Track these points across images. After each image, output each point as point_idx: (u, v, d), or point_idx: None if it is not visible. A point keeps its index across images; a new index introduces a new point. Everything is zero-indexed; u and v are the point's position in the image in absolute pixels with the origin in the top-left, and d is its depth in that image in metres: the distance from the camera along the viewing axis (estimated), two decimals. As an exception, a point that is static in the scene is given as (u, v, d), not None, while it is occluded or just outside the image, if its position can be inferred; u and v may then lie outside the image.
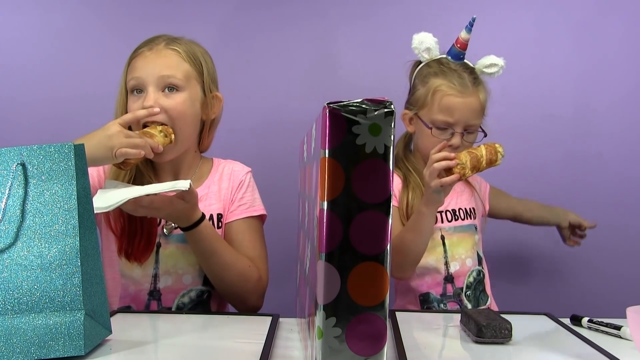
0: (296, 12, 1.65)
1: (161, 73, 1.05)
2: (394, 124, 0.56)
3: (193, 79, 1.09)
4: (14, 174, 0.73)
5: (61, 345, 0.71)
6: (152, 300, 1.09)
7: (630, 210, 1.62)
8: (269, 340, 0.80)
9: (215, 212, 1.13)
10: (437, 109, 1.19)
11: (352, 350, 0.57)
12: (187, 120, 1.09)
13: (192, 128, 1.11)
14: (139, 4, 1.63)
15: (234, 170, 1.19)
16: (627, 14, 1.63)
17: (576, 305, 1.12)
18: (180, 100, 1.07)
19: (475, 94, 1.19)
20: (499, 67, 1.23)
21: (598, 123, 1.63)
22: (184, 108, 1.07)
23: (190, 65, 1.09)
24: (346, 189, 0.56)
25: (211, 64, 1.15)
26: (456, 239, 1.25)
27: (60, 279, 0.72)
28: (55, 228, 0.73)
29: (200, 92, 1.11)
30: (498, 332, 0.82)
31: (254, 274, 1.08)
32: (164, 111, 1.05)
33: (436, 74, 1.21)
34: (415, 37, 1.23)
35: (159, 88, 1.06)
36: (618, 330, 0.88)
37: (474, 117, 1.19)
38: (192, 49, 1.11)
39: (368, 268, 0.57)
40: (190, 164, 1.16)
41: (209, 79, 1.12)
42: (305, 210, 0.76)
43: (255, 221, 1.16)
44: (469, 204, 1.30)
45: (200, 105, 1.11)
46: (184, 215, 0.98)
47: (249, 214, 1.15)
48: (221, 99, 1.16)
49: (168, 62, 1.07)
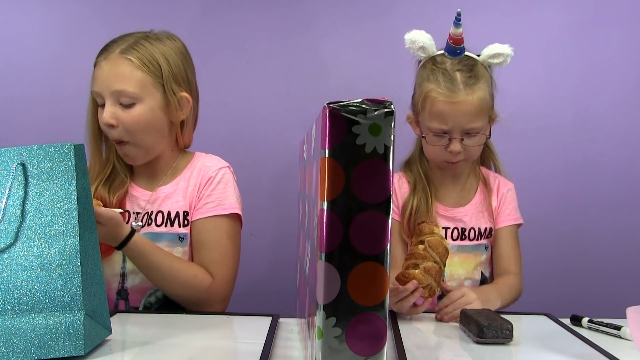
0: (296, 13, 1.65)
1: (114, 87, 1.04)
2: (394, 124, 0.56)
3: (150, 86, 1.06)
4: (14, 174, 0.73)
5: (61, 345, 0.71)
6: (120, 299, 1.08)
7: (630, 211, 1.62)
8: (269, 340, 0.80)
9: (182, 210, 1.10)
10: (429, 115, 1.12)
11: (352, 350, 0.57)
12: (147, 130, 1.07)
13: (155, 136, 1.09)
14: (139, 4, 1.63)
15: (204, 165, 1.14)
16: (627, 15, 1.63)
17: (576, 305, 1.12)
18: (136, 114, 1.05)
19: (469, 94, 1.10)
20: (505, 55, 1.14)
21: (598, 124, 1.63)
22: (140, 121, 1.06)
23: (145, 73, 1.05)
24: (346, 189, 0.56)
25: (178, 63, 1.10)
26: (457, 259, 1.18)
27: (60, 279, 0.72)
28: (55, 228, 0.73)
29: (161, 97, 1.07)
30: (499, 333, 0.82)
31: (201, 283, 1.04)
32: (120, 125, 1.05)
33: (428, 77, 1.14)
34: (407, 37, 1.16)
35: (116, 101, 1.05)
36: (618, 330, 0.88)
37: (470, 120, 1.10)
38: (150, 52, 1.07)
39: (368, 268, 0.56)
40: (167, 163, 1.15)
41: (172, 81, 1.08)
42: (305, 210, 0.76)
43: (224, 220, 1.10)
44: (486, 224, 1.21)
45: (162, 111, 1.08)
46: (109, 236, 0.97)
47: (216, 213, 1.10)
48: (189, 99, 1.12)
49: (120, 74, 1.04)
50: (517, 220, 1.24)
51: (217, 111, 1.66)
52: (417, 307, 0.98)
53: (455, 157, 1.14)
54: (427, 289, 0.97)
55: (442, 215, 1.21)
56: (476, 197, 1.23)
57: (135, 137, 1.07)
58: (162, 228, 1.10)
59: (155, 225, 1.10)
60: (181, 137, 1.15)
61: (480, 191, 1.24)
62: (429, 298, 0.99)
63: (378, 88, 1.55)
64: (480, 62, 1.15)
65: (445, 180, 1.23)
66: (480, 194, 1.23)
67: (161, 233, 1.09)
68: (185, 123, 1.14)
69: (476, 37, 1.23)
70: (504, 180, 1.26)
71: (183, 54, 1.13)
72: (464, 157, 1.15)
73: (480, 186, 1.24)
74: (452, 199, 1.23)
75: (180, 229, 1.10)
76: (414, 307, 0.98)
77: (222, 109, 1.66)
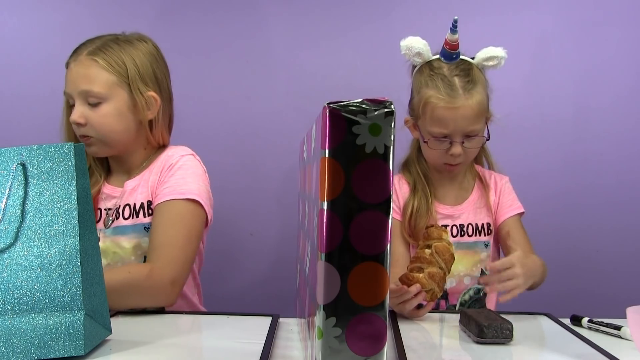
0: (296, 13, 1.65)
1: (81, 88, 1.08)
2: (394, 124, 0.56)
3: (116, 86, 1.10)
4: (14, 174, 0.73)
5: (61, 345, 0.71)
6: (440, 299, 1.10)
7: (630, 211, 1.62)
8: (269, 340, 0.80)
9: (145, 200, 1.11)
10: (430, 121, 1.15)
11: (352, 350, 0.57)
12: (115, 128, 1.11)
13: (123, 134, 1.12)
14: (139, 4, 1.63)
15: (167, 155, 1.16)
16: (627, 14, 1.63)
17: (576, 305, 1.12)
18: (103, 113, 1.09)
19: (468, 99, 1.13)
20: (499, 58, 1.17)
21: (598, 123, 1.63)
22: (107, 120, 1.10)
23: (111, 74, 1.09)
24: (346, 189, 0.56)
25: (145, 64, 1.13)
26: (457, 256, 1.15)
27: (60, 279, 0.72)
28: (55, 228, 0.73)
29: (128, 96, 1.11)
30: (500, 333, 0.82)
31: (138, 275, 0.99)
32: (89, 124, 1.09)
33: (427, 83, 1.16)
34: (403, 44, 1.18)
35: (84, 101, 1.09)
36: (618, 330, 0.88)
37: (470, 123, 1.14)
38: (116, 54, 1.11)
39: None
40: (139, 160, 1.17)
41: (138, 81, 1.11)
42: (305, 210, 0.76)
43: (180, 205, 1.08)
44: (484, 220, 1.24)
45: (129, 110, 1.11)
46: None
47: (172, 197, 1.08)
48: (157, 99, 1.14)
49: (87, 75, 1.09)
50: (519, 209, 1.26)
51: (217, 111, 1.67)
52: (419, 310, 0.99)
53: (455, 159, 1.17)
54: (429, 293, 0.98)
55: (441, 213, 1.23)
56: (473, 194, 1.26)
57: (102, 135, 1.10)
58: (128, 221, 1.12)
59: (122, 219, 1.12)
60: (151, 135, 1.16)
61: (477, 188, 1.27)
62: (431, 302, 0.99)
63: (378, 88, 1.55)
64: (475, 65, 1.18)
65: (443, 180, 1.26)
66: (478, 191, 1.26)
67: (128, 226, 1.11)
68: (155, 122, 1.15)
69: (476, 37, 1.23)
70: (499, 175, 1.30)
71: (153, 55, 1.16)
72: (464, 159, 1.19)
73: (477, 183, 1.28)
74: (451, 198, 1.26)
75: (146, 219, 1.11)
76: (416, 310, 0.98)
77: (222, 109, 1.66)
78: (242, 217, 1.67)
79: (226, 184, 1.68)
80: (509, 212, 1.24)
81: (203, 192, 1.11)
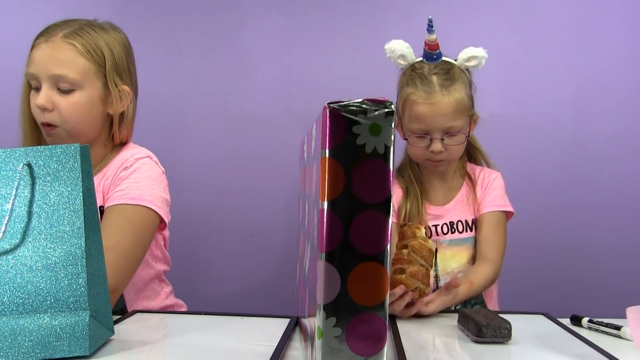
0: (296, 12, 1.65)
1: (53, 72, 1.02)
2: (394, 124, 0.57)
3: (91, 74, 1.04)
4: (20, 174, 0.73)
5: (66, 345, 0.71)
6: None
7: (630, 210, 1.63)
8: (281, 343, 0.79)
9: (99, 205, 1.04)
10: (409, 118, 1.19)
11: (352, 350, 0.57)
12: (83, 119, 1.05)
13: (89, 126, 1.07)
14: (139, 4, 1.64)
15: (124, 157, 1.10)
16: (627, 14, 1.63)
17: (576, 305, 1.12)
18: (73, 101, 1.03)
19: (445, 95, 1.15)
20: (479, 58, 1.19)
21: (598, 123, 1.64)
22: (76, 108, 1.04)
23: (87, 60, 1.03)
24: (346, 189, 0.56)
25: (121, 55, 1.08)
26: (449, 253, 1.23)
27: (66, 279, 0.73)
28: (61, 229, 0.73)
29: (101, 87, 1.06)
30: (498, 332, 0.83)
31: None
32: (56, 110, 1.03)
33: (407, 83, 1.20)
34: (387, 47, 1.21)
35: (53, 86, 1.03)
36: (618, 330, 0.88)
37: (448, 120, 1.16)
38: (94, 40, 1.05)
39: (368, 268, 0.57)
40: (96, 157, 1.11)
41: (114, 72, 1.06)
42: (305, 210, 0.76)
43: (130, 210, 1.02)
44: (472, 215, 1.26)
45: (101, 101, 1.06)
46: None
47: (123, 202, 1.02)
48: (129, 92, 1.10)
49: (62, 58, 1.02)
50: (502, 207, 1.25)
51: (217, 111, 1.67)
52: (410, 308, 0.99)
53: (436, 156, 1.20)
54: (416, 292, 0.98)
55: (432, 214, 1.26)
56: (461, 192, 1.28)
57: (68, 125, 1.04)
58: None
59: None
60: (117, 131, 1.11)
61: (466, 185, 1.29)
62: (421, 299, 1.00)
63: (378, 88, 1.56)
64: (457, 65, 1.20)
65: (433, 182, 1.29)
66: (466, 188, 1.29)
67: None
68: (124, 116, 1.10)
69: (477, 37, 1.24)
70: (489, 171, 1.31)
71: (126, 47, 1.11)
72: (446, 156, 1.21)
73: (465, 181, 1.30)
74: (440, 198, 1.28)
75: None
76: (407, 309, 0.99)
77: (222, 109, 1.67)
78: (242, 217, 1.68)
79: (226, 184, 1.69)
80: (488, 207, 1.24)
81: (157, 196, 1.05)
